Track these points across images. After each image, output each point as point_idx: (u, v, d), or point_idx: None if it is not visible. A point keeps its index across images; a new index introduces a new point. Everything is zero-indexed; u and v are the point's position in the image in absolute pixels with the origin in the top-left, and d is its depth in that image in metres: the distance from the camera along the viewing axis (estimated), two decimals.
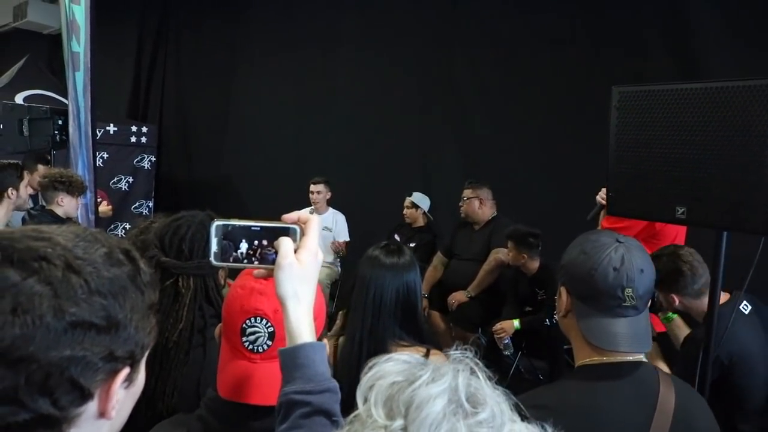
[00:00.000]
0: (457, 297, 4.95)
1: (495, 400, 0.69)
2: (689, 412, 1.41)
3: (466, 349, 0.74)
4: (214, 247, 1.05)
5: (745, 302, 2.52)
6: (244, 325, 1.15)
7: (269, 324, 1.15)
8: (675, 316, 2.77)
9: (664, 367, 2.66)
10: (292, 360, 0.99)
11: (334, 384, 1.00)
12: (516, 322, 4.43)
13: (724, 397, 2.23)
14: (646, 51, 4.71)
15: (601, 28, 4.97)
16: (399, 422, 0.65)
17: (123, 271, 0.79)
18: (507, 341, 4.42)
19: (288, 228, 1.06)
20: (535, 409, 1.34)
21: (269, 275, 1.04)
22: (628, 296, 1.41)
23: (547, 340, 4.39)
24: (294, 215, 1.08)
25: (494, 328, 4.51)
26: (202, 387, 1.61)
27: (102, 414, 0.78)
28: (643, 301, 1.44)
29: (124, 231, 7.95)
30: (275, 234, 1.05)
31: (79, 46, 5.34)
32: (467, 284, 4.94)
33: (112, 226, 7.81)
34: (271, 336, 1.15)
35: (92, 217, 5.30)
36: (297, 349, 0.99)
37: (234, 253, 1.06)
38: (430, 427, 0.64)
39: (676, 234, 3.31)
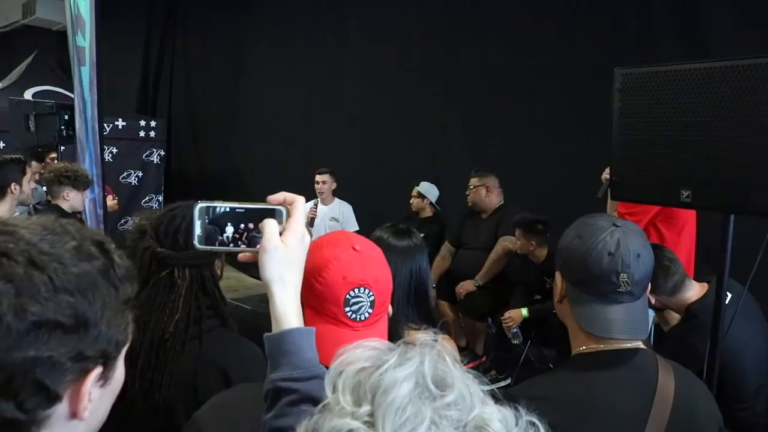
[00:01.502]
0: (465, 286, 4.93)
1: (464, 383, 0.67)
2: (690, 399, 1.38)
3: (435, 333, 0.72)
4: (198, 230, 1.02)
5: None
6: (347, 297, 1.15)
7: (371, 293, 1.16)
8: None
9: None
10: (278, 346, 0.96)
11: (323, 370, 0.96)
12: (524, 311, 4.40)
13: (719, 386, 2.20)
14: (655, 36, 4.65)
15: (608, 14, 4.91)
16: (366, 408, 0.64)
17: (93, 265, 0.75)
18: (515, 330, 4.39)
19: (273, 209, 1.02)
20: (530, 400, 1.31)
21: (254, 259, 1.01)
22: (623, 282, 1.36)
23: (556, 329, 4.35)
24: (280, 196, 1.04)
25: (502, 317, 4.49)
26: (199, 378, 1.61)
27: (74, 415, 0.75)
28: (639, 287, 1.40)
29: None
30: (261, 216, 1.02)
31: (84, 41, 5.34)
32: (475, 273, 4.92)
33: (123, 221, 7.85)
34: (372, 304, 1.16)
35: (101, 211, 5.32)
36: (283, 334, 0.97)
37: (219, 237, 1.03)
38: (397, 412, 0.62)
39: (687, 217, 3.27)
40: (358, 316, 1.15)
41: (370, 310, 1.16)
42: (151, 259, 1.66)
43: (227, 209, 1.03)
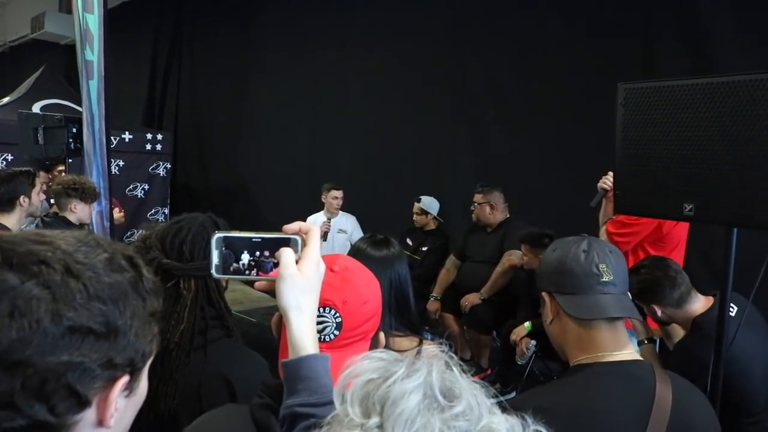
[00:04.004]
0: (470, 299, 4.94)
1: (471, 393, 0.68)
2: (687, 408, 1.40)
3: (441, 343, 0.73)
4: (215, 259, 1.05)
5: (731, 304, 2.48)
6: None
7: (338, 314, 1.14)
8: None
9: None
10: (295, 372, 0.98)
11: None
12: (527, 325, 4.41)
13: (727, 399, 2.20)
14: (659, 48, 4.68)
15: (612, 25, 4.94)
16: (375, 420, 0.65)
17: (124, 277, 0.78)
18: (529, 354, 4.38)
19: (289, 239, 1.05)
20: (531, 411, 1.34)
21: (271, 287, 1.04)
22: (603, 271, 1.45)
23: None
24: (295, 225, 1.07)
25: (510, 334, 4.49)
26: (204, 388, 1.62)
27: (100, 422, 0.76)
28: (619, 279, 1.48)
29: None
30: (276, 245, 1.05)
31: (92, 55, 5.39)
32: (480, 286, 4.93)
33: (129, 234, 7.88)
34: (339, 326, 1.14)
35: (107, 224, 5.34)
36: (300, 360, 0.98)
37: (235, 265, 1.06)
38: (406, 423, 0.63)
39: (680, 239, 3.27)
40: (323, 337, 1.13)
41: (336, 332, 1.14)
42: (157, 271, 1.67)
43: (243, 238, 1.06)
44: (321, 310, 1.13)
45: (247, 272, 1.06)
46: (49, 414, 0.70)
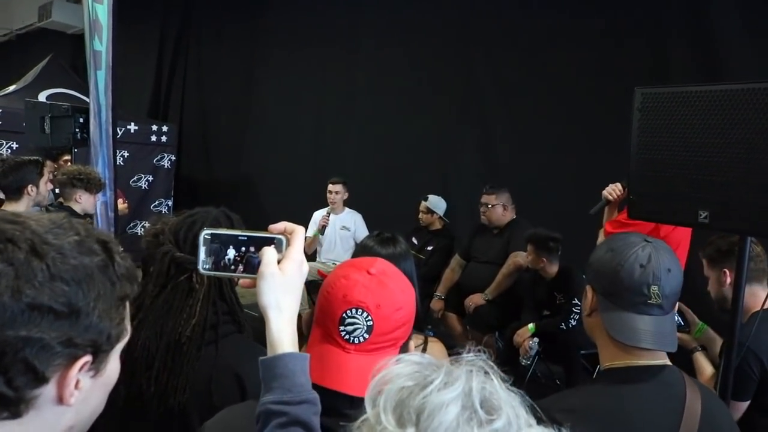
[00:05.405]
0: (475, 300, 4.92)
1: (510, 405, 0.66)
2: (714, 415, 1.42)
3: (480, 351, 0.71)
4: (201, 255, 1.09)
5: None
6: (344, 315, 1.14)
7: (369, 318, 1.14)
8: (705, 326, 2.73)
9: (707, 369, 2.62)
10: (271, 370, 1.00)
11: (314, 395, 1.00)
12: (530, 326, 4.40)
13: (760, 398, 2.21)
14: (669, 52, 4.67)
15: (622, 28, 4.93)
16: (410, 430, 0.64)
17: (92, 260, 0.79)
18: (532, 353, 4.38)
19: (274, 238, 1.08)
20: (562, 412, 1.35)
21: (253, 284, 1.06)
22: (653, 294, 1.39)
23: (563, 345, 4.34)
24: (281, 225, 1.09)
25: (514, 338, 4.48)
26: (214, 383, 1.61)
27: (60, 400, 0.78)
28: (669, 301, 1.42)
29: (143, 229, 8.00)
30: (261, 244, 1.07)
31: (101, 45, 5.37)
32: (485, 287, 4.91)
33: (132, 225, 7.87)
34: (369, 329, 1.14)
35: (112, 214, 5.33)
36: (276, 359, 1.00)
37: (222, 261, 1.09)
38: None
39: (680, 241, 3.23)
40: (352, 338, 1.13)
41: (366, 335, 1.13)
42: (170, 264, 1.67)
43: (230, 236, 1.10)
44: (353, 311, 1.14)
45: (233, 268, 1.09)
46: (6, 387, 0.72)
